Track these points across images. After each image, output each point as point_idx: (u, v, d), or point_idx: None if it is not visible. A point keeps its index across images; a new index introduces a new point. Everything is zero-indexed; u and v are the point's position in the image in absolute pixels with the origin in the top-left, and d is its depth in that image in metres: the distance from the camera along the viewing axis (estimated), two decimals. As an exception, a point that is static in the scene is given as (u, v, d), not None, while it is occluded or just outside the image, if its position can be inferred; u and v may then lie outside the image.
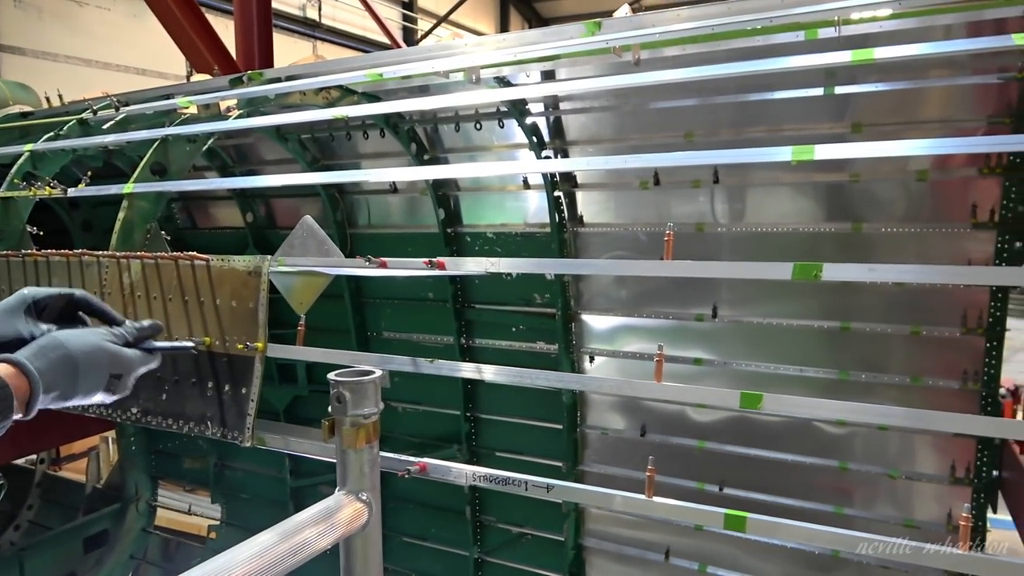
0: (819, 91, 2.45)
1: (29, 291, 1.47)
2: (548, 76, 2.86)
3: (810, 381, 3.12)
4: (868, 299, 2.98)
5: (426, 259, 1.61)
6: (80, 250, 2.17)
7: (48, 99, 3.68)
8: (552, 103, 3.22)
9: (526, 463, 3.83)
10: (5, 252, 2.36)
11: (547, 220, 3.41)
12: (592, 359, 3.63)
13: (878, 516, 3.09)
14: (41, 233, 2.78)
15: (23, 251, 2.28)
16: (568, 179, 3.37)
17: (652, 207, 3.28)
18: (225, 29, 6.67)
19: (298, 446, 1.88)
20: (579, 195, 3.43)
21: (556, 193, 3.36)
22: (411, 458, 1.65)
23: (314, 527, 1.30)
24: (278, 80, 2.45)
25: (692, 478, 3.38)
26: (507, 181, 3.56)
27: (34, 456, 5.65)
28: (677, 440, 3.46)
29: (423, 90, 2.86)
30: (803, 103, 2.73)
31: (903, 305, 2.91)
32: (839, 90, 2.38)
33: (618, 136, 3.22)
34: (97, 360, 1.22)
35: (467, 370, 1.81)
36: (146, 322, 1.35)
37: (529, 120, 3.21)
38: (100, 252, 2.13)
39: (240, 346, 1.84)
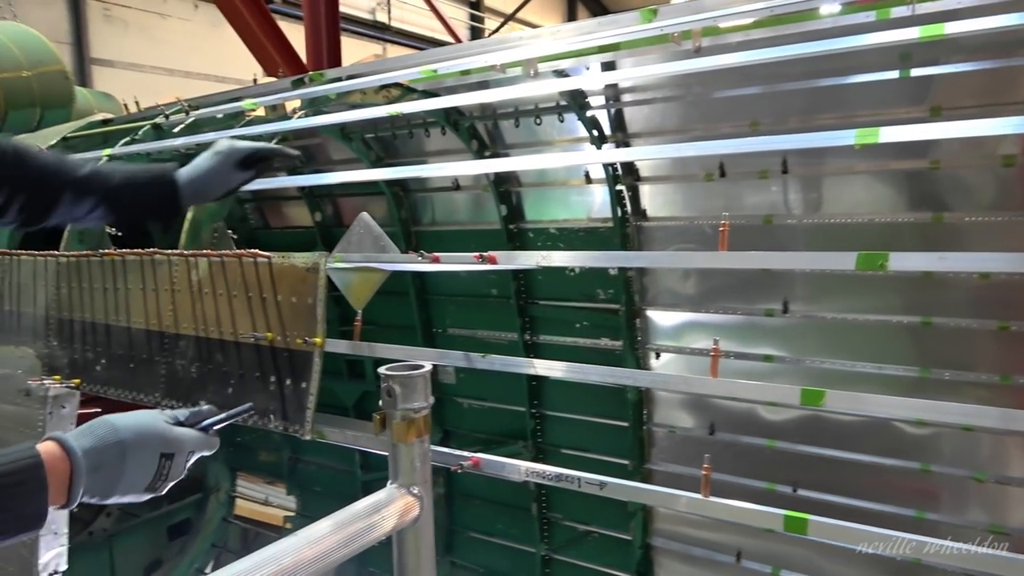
0: (894, 74, 2.33)
1: (227, 144, 1.74)
2: (608, 68, 2.81)
3: (889, 379, 2.97)
4: (951, 293, 2.81)
5: (477, 253, 1.60)
6: (152, 249, 2.26)
7: (127, 106, 3.85)
8: (613, 95, 3.17)
9: (592, 461, 3.79)
10: (86, 252, 2.48)
11: (609, 214, 3.36)
12: (658, 355, 3.56)
13: (963, 522, 2.92)
14: (120, 234, 2.92)
15: (100, 250, 2.39)
16: (631, 172, 3.32)
17: (718, 199, 3.19)
18: (297, 35, 6.85)
19: (355, 440, 1.91)
20: (642, 188, 3.36)
21: (618, 187, 3.31)
22: (464, 453, 1.65)
23: (365, 520, 1.31)
24: (338, 80, 2.49)
25: (762, 478, 3.28)
26: (569, 176, 3.53)
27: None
28: (747, 439, 3.36)
29: (482, 86, 2.86)
30: (878, 88, 2.60)
31: (989, 299, 2.74)
32: (915, 72, 2.25)
33: (681, 127, 3.14)
34: (147, 438, 1.16)
35: (522, 365, 1.79)
36: (204, 406, 1.30)
37: (589, 113, 3.17)
38: (170, 251, 2.21)
39: (299, 341, 1.87)
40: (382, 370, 1.38)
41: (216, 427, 1.29)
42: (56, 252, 2.60)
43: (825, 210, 2.98)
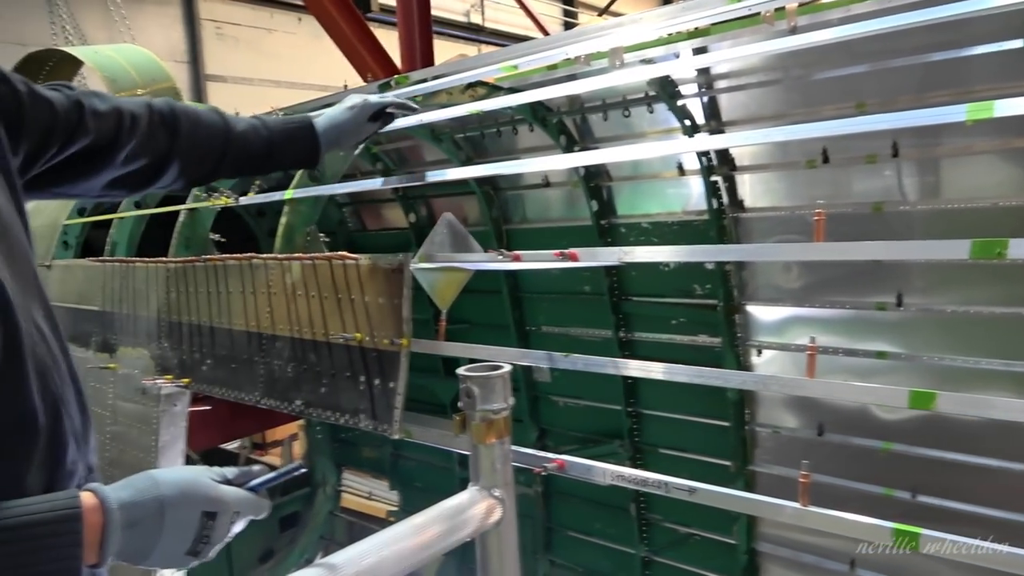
0: (1018, 43, 2.12)
1: (361, 99, 1.92)
2: (698, 53, 2.70)
3: (1019, 377, 2.72)
4: (1091, 281, 2.55)
5: (558, 251, 1.56)
6: (249, 254, 2.34)
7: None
8: (705, 82, 3.05)
9: (691, 462, 3.67)
10: (191, 258, 2.61)
11: (705, 207, 3.24)
12: (759, 352, 3.41)
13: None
14: (224, 240, 3.05)
15: (204, 256, 2.50)
16: (726, 162, 3.18)
17: (821, 187, 3.02)
18: (394, 41, 7.00)
19: (441, 439, 1.91)
20: (739, 178, 3.22)
21: (713, 178, 3.18)
22: (548, 454, 1.61)
23: (446, 522, 1.30)
24: (423, 81, 2.51)
25: (878, 482, 3.07)
26: (661, 168, 3.43)
27: (238, 442, 6.28)
28: (860, 441, 3.16)
29: (568, 80, 2.81)
30: (999, 60, 2.37)
31: None
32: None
33: (779, 112, 2.98)
34: (189, 495, 1.06)
35: (608, 365, 1.74)
36: (255, 467, 1.20)
37: (680, 102, 3.06)
38: (265, 255, 2.29)
39: (386, 341, 1.89)
40: (461, 371, 1.36)
41: (264, 487, 1.16)
42: (165, 259, 2.75)
43: (943, 195, 2.76)
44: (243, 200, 2.60)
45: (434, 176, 2.16)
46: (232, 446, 6.33)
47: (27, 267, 1.25)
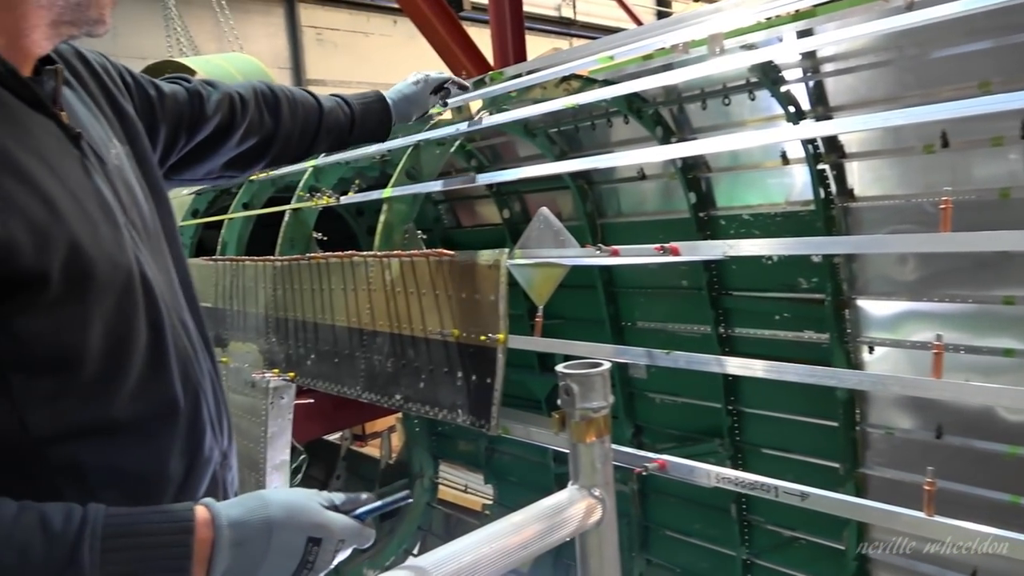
0: None
1: (424, 74, 2.17)
2: (803, 36, 2.58)
3: None
4: None
5: (658, 245, 1.52)
6: (351, 252, 2.40)
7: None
8: (811, 67, 2.91)
9: (796, 463, 3.53)
10: (296, 256, 2.70)
11: (811, 196, 3.09)
12: (871, 350, 3.23)
13: None
14: (326, 239, 3.15)
15: (308, 254, 2.59)
16: (834, 149, 3.03)
17: (939, 173, 2.82)
18: (487, 39, 7.05)
19: (538, 436, 1.90)
20: (848, 166, 3.06)
21: (820, 166, 3.03)
22: (650, 454, 1.58)
23: (545, 521, 1.29)
24: (518, 76, 2.50)
25: (1003, 489, 2.86)
26: (763, 158, 3.30)
27: (339, 433, 6.49)
28: (983, 444, 2.94)
29: (665, 70, 2.74)
30: None
31: None
32: None
33: (892, 95, 2.81)
34: (296, 518, 1.04)
35: (709, 363, 1.68)
36: (363, 495, 1.18)
37: (784, 88, 2.93)
38: (366, 253, 2.34)
39: (483, 338, 1.90)
40: (559, 368, 1.34)
41: (370, 516, 1.14)
42: (272, 258, 2.86)
43: (1082, 178, 2.53)
44: (344, 199, 2.67)
45: (528, 171, 2.16)
46: (333, 437, 6.55)
47: (172, 265, 1.32)
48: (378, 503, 1.16)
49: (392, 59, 14.98)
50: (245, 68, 4.49)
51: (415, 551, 5.77)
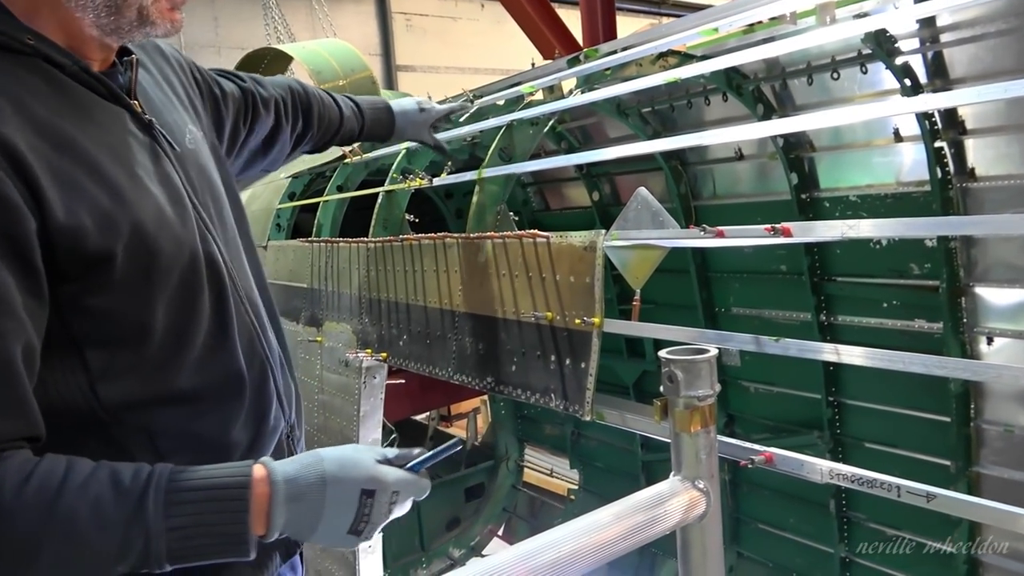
0: None
1: (429, 106, 2.28)
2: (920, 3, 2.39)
3: None
4: None
5: (768, 226, 1.43)
6: (443, 233, 2.40)
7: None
8: (929, 36, 2.70)
9: (902, 459, 3.34)
10: (389, 238, 2.72)
11: (926, 176, 2.89)
12: (990, 341, 3.00)
13: None
14: (417, 220, 3.17)
15: (400, 236, 2.60)
16: (953, 125, 2.81)
17: (1076, 149, 2.58)
18: (576, 21, 6.95)
19: (634, 423, 1.84)
20: (968, 143, 2.83)
21: (938, 143, 2.82)
22: (756, 446, 1.50)
23: (647, 512, 1.24)
24: (613, 53, 2.42)
25: None
26: (873, 135, 3.10)
27: (428, 413, 6.59)
28: (1116, 445, 2.70)
29: (767, 43, 2.60)
30: None
31: None
32: None
33: (1020, 66, 2.58)
34: (349, 471, 1.07)
35: (823, 351, 1.58)
36: (415, 449, 1.19)
37: (899, 60, 2.73)
38: (458, 234, 2.33)
39: (578, 321, 1.85)
40: (663, 354, 1.28)
41: (424, 467, 1.15)
42: (366, 239, 2.89)
43: None
44: (436, 181, 2.67)
45: (623, 151, 2.08)
46: (420, 417, 6.66)
47: (241, 245, 1.40)
48: (429, 453, 1.16)
49: (480, 43, 15.01)
50: (338, 53, 4.57)
51: (500, 532, 5.81)
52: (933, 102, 1.33)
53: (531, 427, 5.72)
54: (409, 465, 1.14)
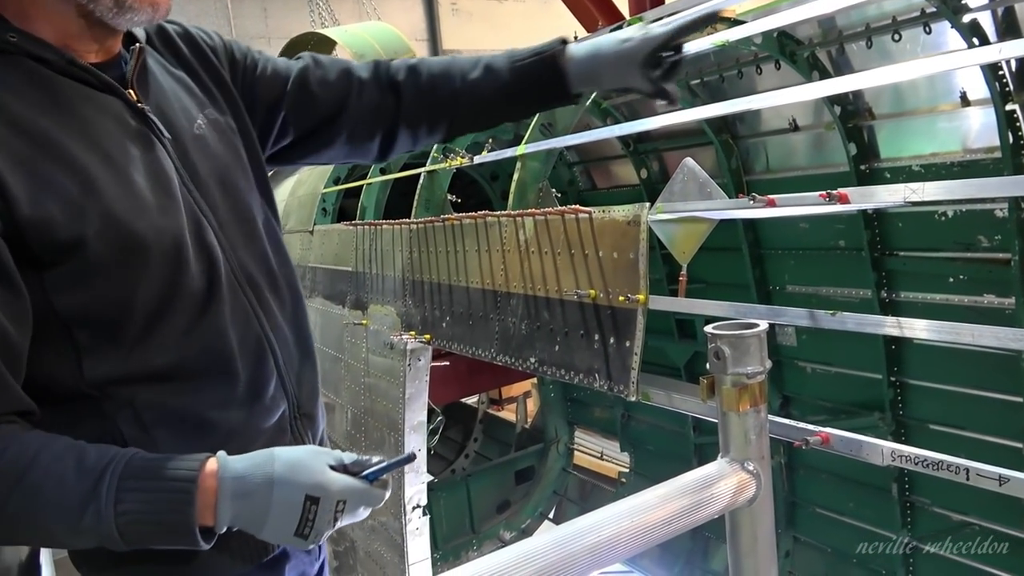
0: None
1: (641, 33, 1.44)
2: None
3: None
4: None
5: (823, 192, 1.34)
6: (483, 212, 2.35)
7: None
8: (1002, -10, 2.53)
9: (969, 441, 3.18)
10: (431, 219, 2.69)
11: (996, 142, 2.72)
12: (1067, 316, 2.82)
13: None
14: (459, 201, 3.13)
15: (442, 216, 2.56)
16: (1027, 86, 2.63)
17: None
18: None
19: (682, 403, 1.77)
20: (1043, 105, 2.65)
21: (1009, 106, 2.65)
22: (810, 426, 1.42)
23: (695, 495, 1.18)
24: (659, 19, 2.33)
25: None
26: (937, 100, 2.93)
27: (476, 397, 6.60)
28: None
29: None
30: None
31: None
32: None
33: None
34: (297, 474, 1.07)
35: (885, 324, 1.48)
36: (374, 458, 1.15)
37: (967, 18, 2.56)
38: (499, 212, 2.28)
39: (622, 298, 1.78)
40: (709, 329, 1.21)
41: (378, 476, 1.11)
42: (409, 220, 2.87)
43: None
44: (477, 159, 2.62)
45: (666, 120, 1.99)
46: (471, 401, 6.67)
47: (260, 228, 1.40)
48: (383, 464, 1.13)
49: (527, 26, 14.86)
50: (382, 36, 4.54)
51: (550, 515, 5.79)
52: (1008, 50, 1.21)
53: (581, 410, 5.67)
54: (364, 473, 1.11)
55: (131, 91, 1.25)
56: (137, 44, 1.27)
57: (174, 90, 1.34)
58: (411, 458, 1.15)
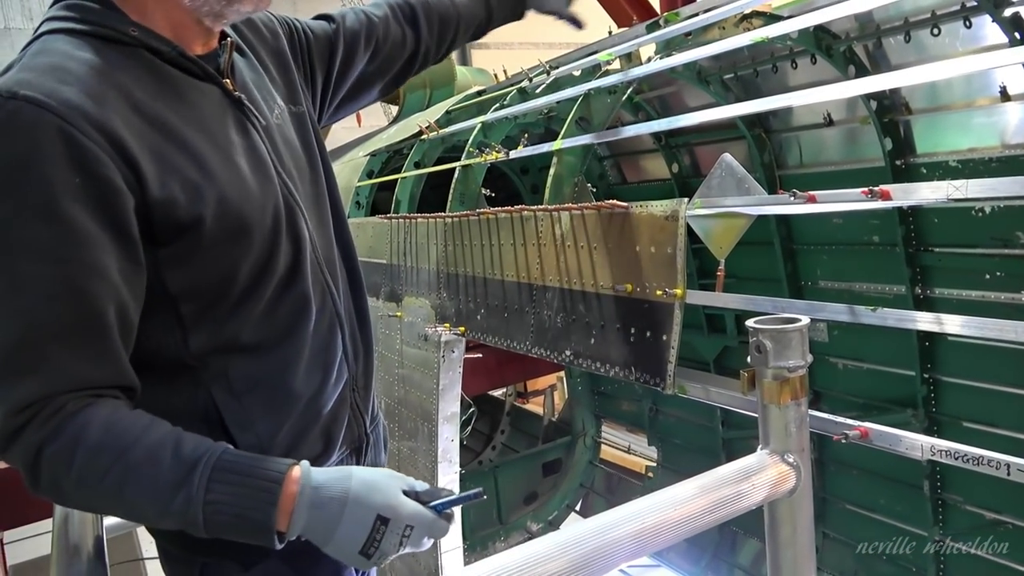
0: None
1: None
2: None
3: None
4: None
5: (865, 189, 1.35)
6: (520, 206, 2.38)
7: (496, 76, 4.14)
8: (1044, -17, 2.49)
9: (1003, 438, 3.15)
10: (466, 212, 2.73)
11: (1036, 138, 2.69)
12: (1107, 314, 2.79)
13: None
14: (493, 195, 3.16)
15: (477, 210, 2.60)
16: (1070, 80, 2.60)
17: None
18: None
19: (719, 396, 1.79)
20: (1086, 100, 2.62)
21: (1051, 101, 2.62)
22: (851, 421, 1.43)
23: (733, 486, 1.20)
24: (694, 16, 2.34)
25: None
26: (974, 94, 2.90)
27: (504, 389, 6.65)
28: None
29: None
30: None
31: None
32: None
33: None
34: (371, 493, 1.11)
35: (921, 320, 1.49)
36: (444, 489, 1.20)
37: (1008, 12, 2.53)
38: (536, 207, 2.31)
39: (659, 292, 1.81)
40: (751, 323, 1.24)
41: (446, 508, 1.14)
42: (443, 214, 2.90)
43: None
44: (513, 154, 2.65)
45: (700, 116, 2.01)
46: (498, 393, 6.72)
47: (330, 211, 1.51)
48: (453, 497, 1.16)
49: (540, 19, 14.78)
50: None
51: (577, 507, 5.82)
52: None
53: (608, 403, 5.69)
54: (432, 504, 1.15)
55: (227, 80, 1.33)
56: (228, 38, 1.36)
57: (256, 81, 1.43)
58: (479, 495, 1.17)
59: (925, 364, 3.33)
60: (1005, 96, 2.77)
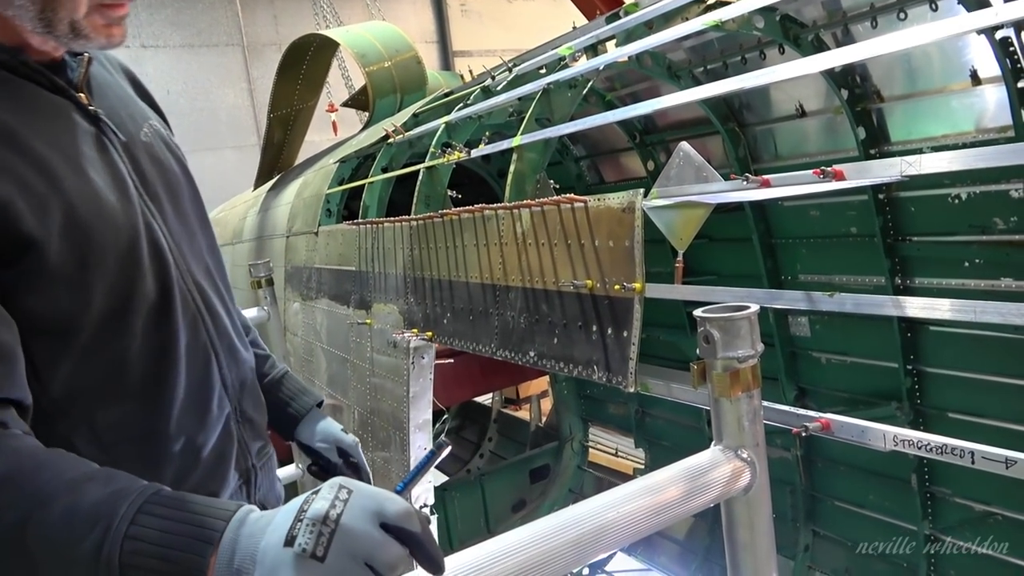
0: None
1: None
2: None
3: None
4: None
5: (817, 169, 1.29)
6: (480, 205, 2.31)
7: (462, 77, 4.08)
8: (1010, -38, 2.45)
9: (990, 429, 3.09)
10: (429, 214, 2.66)
11: (1008, 121, 2.64)
12: (1088, 298, 2.74)
13: None
14: (461, 197, 3.10)
15: (441, 211, 2.54)
16: (1043, 62, 2.55)
17: None
18: None
19: (681, 393, 1.73)
20: (1057, 82, 2.57)
21: (1021, 83, 2.57)
22: (808, 412, 1.37)
23: (684, 484, 1.14)
24: (656, 2, 2.28)
25: None
26: (947, 79, 2.86)
27: (490, 396, 6.57)
28: None
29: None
30: None
31: None
32: None
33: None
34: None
35: (885, 305, 1.43)
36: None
37: (975, -8, 2.49)
38: (496, 205, 2.25)
39: (618, 287, 1.74)
40: (698, 313, 1.17)
41: (410, 483, 1.02)
42: (409, 217, 2.84)
43: None
44: (474, 152, 2.59)
45: (662, 102, 1.95)
46: (486, 401, 6.64)
47: (200, 236, 1.41)
48: (412, 469, 1.04)
49: (536, 24, 14.80)
50: (383, 35, 4.53)
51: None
52: (1005, 12, 1.15)
53: (595, 407, 5.62)
54: (397, 488, 1.00)
55: (83, 95, 1.25)
56: (82, 54, 1.27)
57: (120, 97, 1.36)
58: (441, 447, 1.06)
59: (908, 356, 3.28)
60: (976, 80, 2.73)
